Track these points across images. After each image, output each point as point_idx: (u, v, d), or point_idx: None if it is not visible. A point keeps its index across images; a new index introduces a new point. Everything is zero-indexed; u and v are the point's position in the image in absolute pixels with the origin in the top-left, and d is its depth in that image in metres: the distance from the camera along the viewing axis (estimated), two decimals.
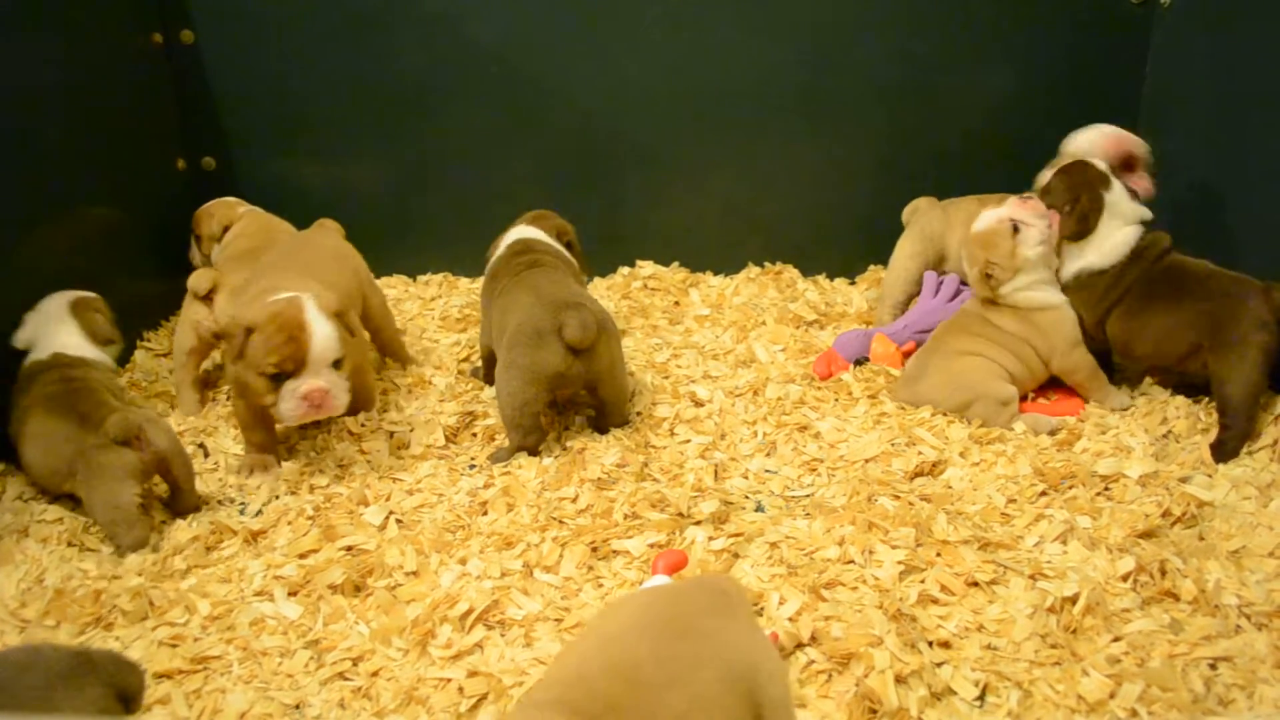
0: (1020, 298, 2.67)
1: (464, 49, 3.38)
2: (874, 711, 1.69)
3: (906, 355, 2.90)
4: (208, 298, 2.77)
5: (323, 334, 2.31)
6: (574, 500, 2.29)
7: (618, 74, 3.41)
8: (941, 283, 3.05)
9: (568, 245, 2.92)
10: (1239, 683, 1.72)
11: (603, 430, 2.61)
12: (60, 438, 2.29)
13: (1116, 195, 2.65)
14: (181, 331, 2.82)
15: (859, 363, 2.90)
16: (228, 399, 2.83)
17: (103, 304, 2.68)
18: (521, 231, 2.88)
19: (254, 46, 3.40)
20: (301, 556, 2.16)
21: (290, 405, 2.31)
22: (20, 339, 2.55)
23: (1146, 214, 2.68)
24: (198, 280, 2.78)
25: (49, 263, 2.78)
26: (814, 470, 2.43)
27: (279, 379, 2.30)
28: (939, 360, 2.67)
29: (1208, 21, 2.99)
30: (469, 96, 3.44)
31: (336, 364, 2.34)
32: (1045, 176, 2.78)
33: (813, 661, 1.80)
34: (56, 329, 2.54)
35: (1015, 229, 2.63)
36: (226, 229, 3.12)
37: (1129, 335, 2.61)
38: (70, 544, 2.25)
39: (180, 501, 2.36)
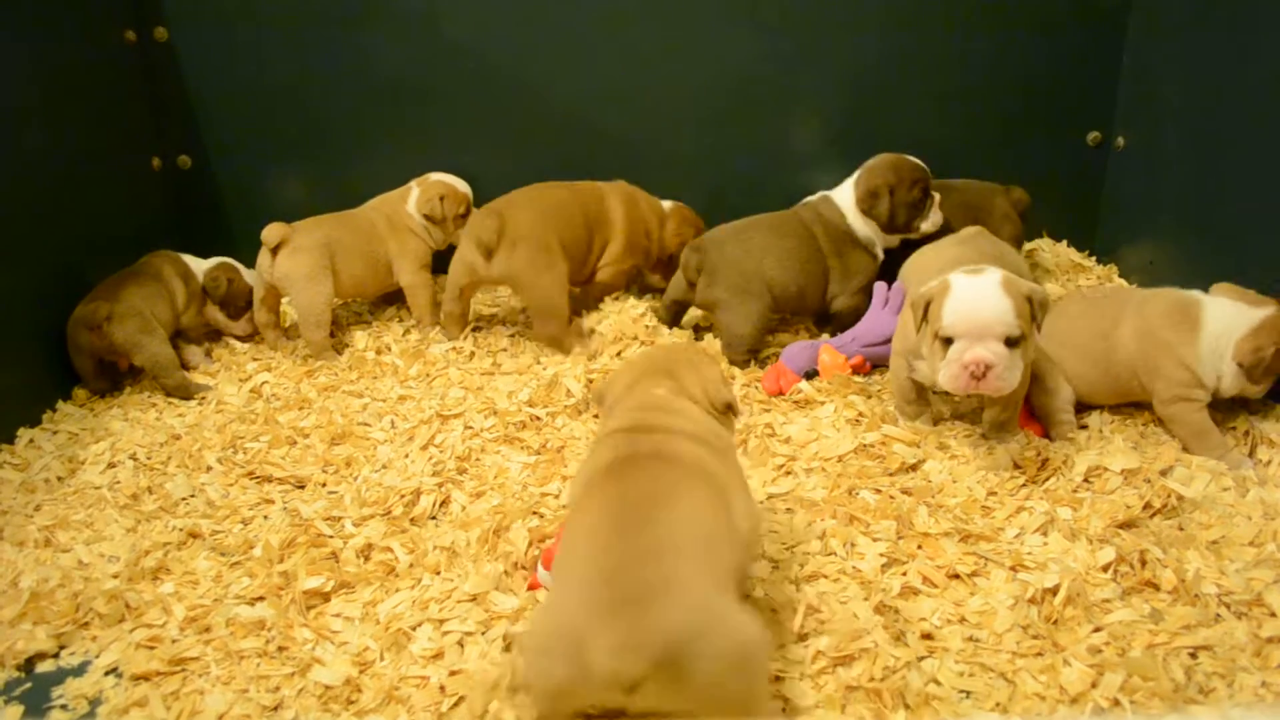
0: None
1: (441, 46, 3.36)
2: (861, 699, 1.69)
3: (855, 368, 2.81)
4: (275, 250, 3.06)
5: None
6: (556, 496, 2.29)
7: (598, 71, 3.40)
8: (890, 294, 2.90)
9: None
10: (1219, 671, 1.73)
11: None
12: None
13: None
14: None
15: (808, 375, 2.80)
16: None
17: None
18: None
19: (229, 44, 3.37)
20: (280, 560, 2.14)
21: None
22: None
23: None
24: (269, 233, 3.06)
25: (22, 261, 2.75)
26: (788, 472, 2.40)
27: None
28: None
29: (1184, 22, 3.00)
30: (446, 94, 3.42)
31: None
32: None
33: None
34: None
35: None
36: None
37: None
38: (48, 544, 2.23)
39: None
